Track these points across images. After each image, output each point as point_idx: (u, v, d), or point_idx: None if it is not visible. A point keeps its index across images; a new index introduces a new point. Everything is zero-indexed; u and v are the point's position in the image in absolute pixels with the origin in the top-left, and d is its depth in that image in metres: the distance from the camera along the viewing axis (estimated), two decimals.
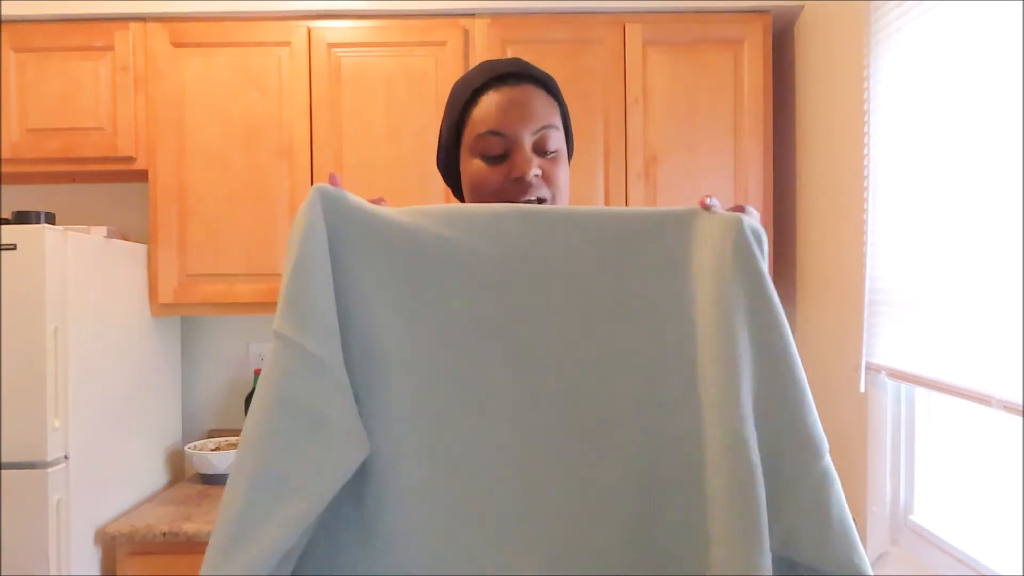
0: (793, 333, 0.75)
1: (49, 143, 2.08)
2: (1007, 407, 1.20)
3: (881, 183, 1.63)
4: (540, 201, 0.92)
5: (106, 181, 2.33)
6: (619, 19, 2.08)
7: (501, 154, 0.92)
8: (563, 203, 0.95)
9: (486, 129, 0.91)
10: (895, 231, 1.57)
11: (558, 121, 0.95)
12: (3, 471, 1.63)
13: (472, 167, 0.94)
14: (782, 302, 0.76)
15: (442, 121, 0.99)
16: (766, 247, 0.77)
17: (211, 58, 2.08)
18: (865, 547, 1.71)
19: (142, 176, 2.16)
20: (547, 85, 0.95)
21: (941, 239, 1.40)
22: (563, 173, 0.95)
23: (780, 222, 2.23)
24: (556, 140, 0.93)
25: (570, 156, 1.01)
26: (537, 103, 0.93)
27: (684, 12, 2.08)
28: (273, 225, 2.08)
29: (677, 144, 2.09)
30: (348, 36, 2.08)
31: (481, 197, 0.93)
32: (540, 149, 0.92)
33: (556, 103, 0.96)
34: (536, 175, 0.90)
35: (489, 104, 0.92)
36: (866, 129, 1.69)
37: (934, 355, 1.42)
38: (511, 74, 0.93)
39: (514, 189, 0.91)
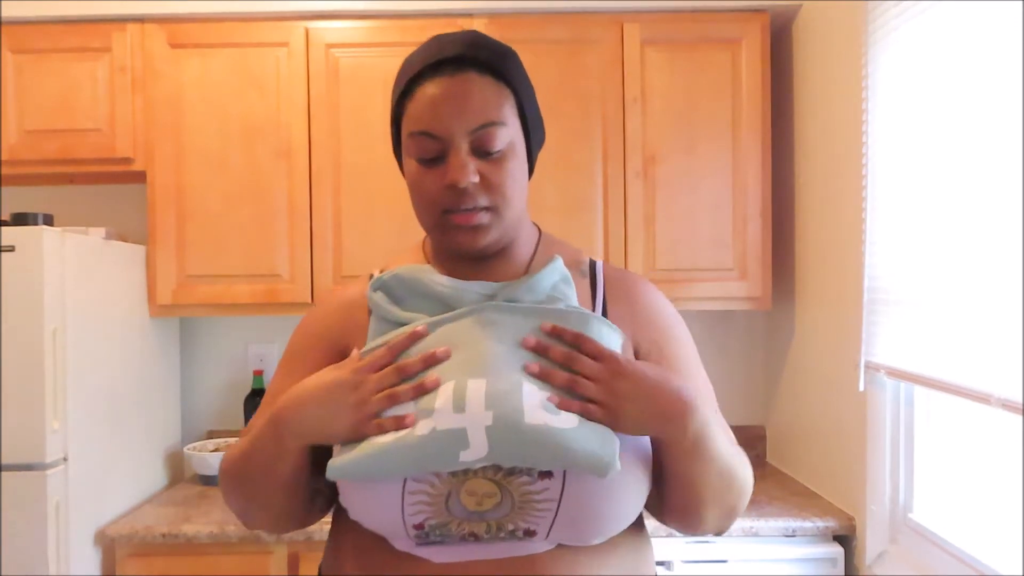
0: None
1: (47, 144, 2.07)
2: (1006, 405, 1.20)
3: (880, 181, 1.63)
4: (483, 210, 0.83)
5: (104, 182, 2.33)
6: (617, 19, 2.08)
7: (436, 156, 0.82)
8: (514, 208, 0.85)
9: (418, 129, 0.82)
10: (894, 229, 1.57)
11: (507, 113, 0.83)
12: (2, 473, 1.62)
13: (410, 168, 0.86)
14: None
15: None
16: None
17: (209, 59, 2.08)
18: (864, 546, 1.71)
19: (140, 177, 2.16)
20: (497, 69, 0.83)
21: (940, 237, 1.41)
22: (511, 176, 0.83)
23: (778, 221, 2.23)
24: (502, 137, 0.82)
25: (539, 144, 0.91)
26: (478, 96, 0.81)
27: (682, 11, 2.08)
28: (272, 226, 2.08)
29: (675, 143, 2.09)
30: (346, 36, 2.08)
31: (419, 203, 0.86)
32: (481, 150, 0.82)
33: (508, 90, 0.84)
34: (473, 182, 0.81)
35: (422, 99, 0.82)
36: (864, 128, 1.69)
37: (933, 353, 1.42)
38: (451, 59, 0.82)
39: (449, 197, 0.82)
